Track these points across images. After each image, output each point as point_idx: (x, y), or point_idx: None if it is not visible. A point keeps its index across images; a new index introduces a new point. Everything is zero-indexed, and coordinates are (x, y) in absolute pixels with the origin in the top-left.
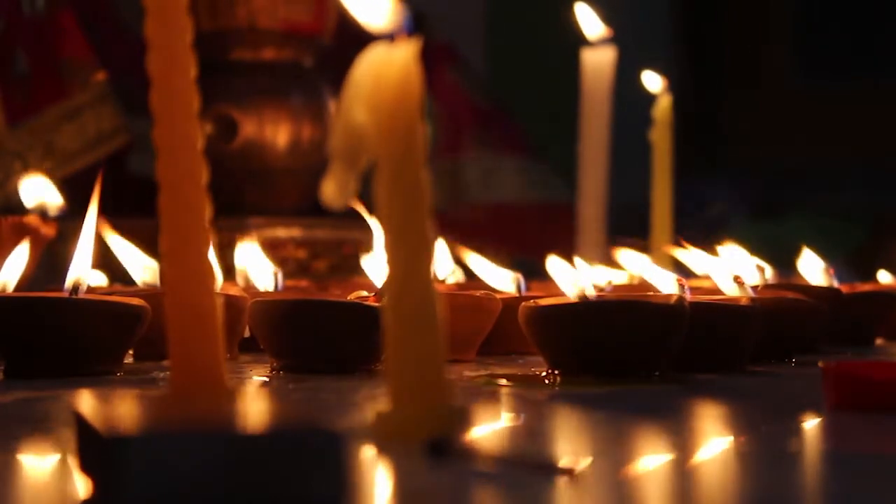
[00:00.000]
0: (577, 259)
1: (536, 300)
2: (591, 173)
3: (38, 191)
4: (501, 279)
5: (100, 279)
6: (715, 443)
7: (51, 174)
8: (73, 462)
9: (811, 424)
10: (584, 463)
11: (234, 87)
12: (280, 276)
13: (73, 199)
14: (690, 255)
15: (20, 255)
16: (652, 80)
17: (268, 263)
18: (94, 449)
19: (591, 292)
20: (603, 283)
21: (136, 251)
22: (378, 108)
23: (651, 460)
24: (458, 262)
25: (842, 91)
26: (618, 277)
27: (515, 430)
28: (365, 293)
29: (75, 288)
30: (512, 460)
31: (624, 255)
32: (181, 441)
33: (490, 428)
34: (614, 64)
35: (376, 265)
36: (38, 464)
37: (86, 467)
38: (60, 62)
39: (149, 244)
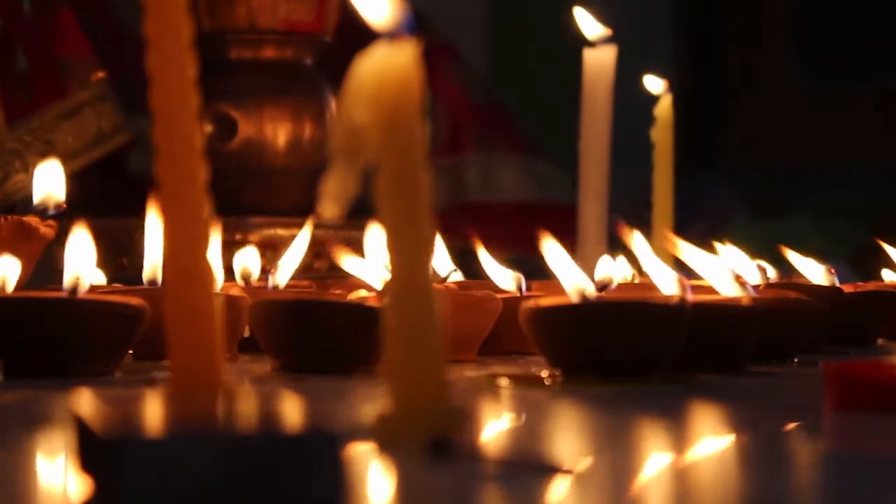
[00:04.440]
0: (586, 256)
1: (537, 300)
2: (592, 173)
3: (51, 180)
4: (504, 278)
5: (99, 278)
6: (715, 443)
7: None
8: (73, 462)
9: (811, 424)
10: (583, 463)
11: (233, 87)
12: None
13: (72, 198)
14: (691, 251)
15: (14, 260)
16: (652, 81)
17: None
18: (94, 449)
19: (591, 292)
20: (607, 280)
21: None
22: (379, 107)
23: (651, 460)
24: (462, 259)
25: (842, 91)
26: (620, 275)
27: (515, 430)
28: (365, 293)
29: (75, 288)
30: (512, 460)
31: (635, 239)
32: (180, 442)
33: (490, 428)
34: (615, 63)
35: (362, 265)
36: (38, 464)
37: (86, 467)
38: (60, 61)
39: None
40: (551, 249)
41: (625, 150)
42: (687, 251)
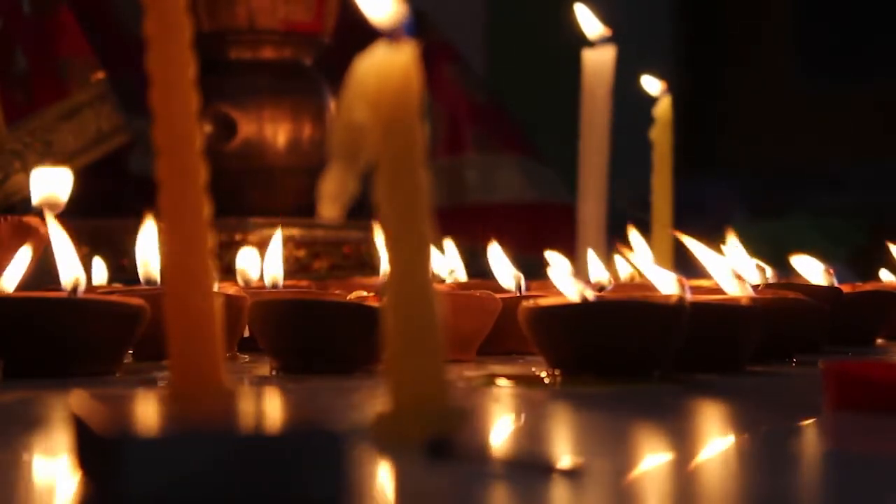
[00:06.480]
0: (586, 256)
1: (536, 300)
2: (591, 173)
3: (49, 184)
4: (506, 276)
5: (101, 274)
6: (715, 443)
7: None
8: (72, 462)
9: (811, 424)
10: (582, 463)
11: (233, 87)
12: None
13: (72, 199)
14: (694, 246)
15: (23, 258)
16: (650, 82)
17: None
18: (93, 449)
19: (590, 293)
20: (605, 281)
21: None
22: (378, 107)
23: (651, 460)
24: (468, 257)
25: (842, 91)
26: (619, 274)
27: (515, 430)
28: (365, 293)
29: (75, 288)
30: (512, 460)
31: (623, 257)
32: (180, 442)
33: (490, 428)
34: (614, 63)
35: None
36: (37, 464)
37: (85, 467)
38: (60, 61)
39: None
40: (553, 260)
41: (624, 151)
42: (693, 248)
